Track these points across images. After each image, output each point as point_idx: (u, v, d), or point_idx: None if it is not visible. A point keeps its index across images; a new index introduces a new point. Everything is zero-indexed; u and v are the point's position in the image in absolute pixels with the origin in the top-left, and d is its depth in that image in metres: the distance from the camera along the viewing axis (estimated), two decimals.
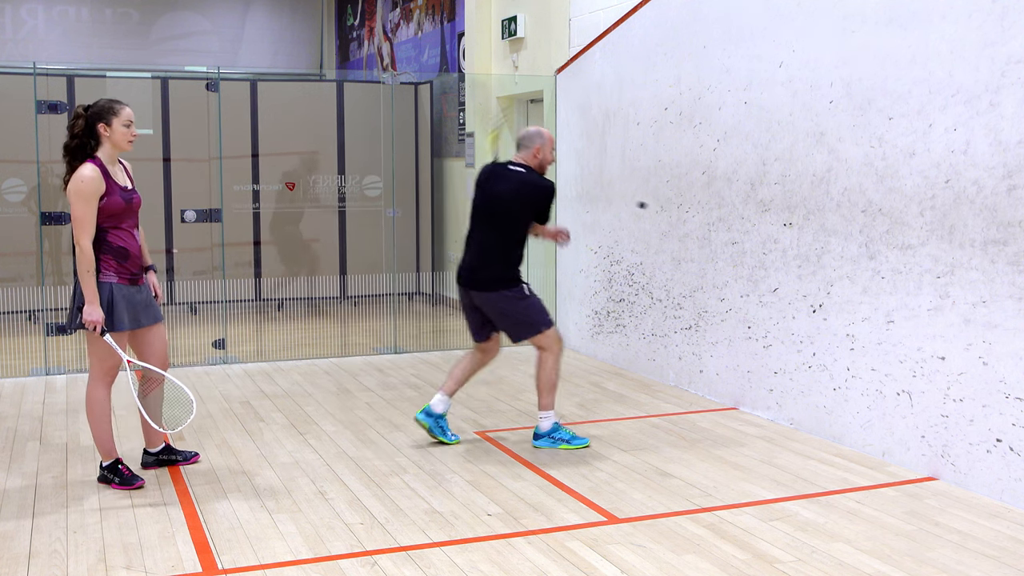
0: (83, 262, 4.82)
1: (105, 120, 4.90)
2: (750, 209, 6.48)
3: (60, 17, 15.69)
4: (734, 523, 4.59)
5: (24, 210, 9.81)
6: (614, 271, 8.11)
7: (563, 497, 4.95)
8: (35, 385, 7.49)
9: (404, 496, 4.96)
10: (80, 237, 4.81)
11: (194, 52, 16.17)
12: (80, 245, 4.81)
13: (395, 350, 8.89)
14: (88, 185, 4.80)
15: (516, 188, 5.74)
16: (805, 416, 6.11)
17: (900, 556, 4.21)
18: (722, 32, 6.70)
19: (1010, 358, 4.79)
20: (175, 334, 9.15)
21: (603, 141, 8.20)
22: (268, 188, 10.74)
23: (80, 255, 4.82)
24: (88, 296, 4.84)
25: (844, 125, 5.71)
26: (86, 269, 4.83)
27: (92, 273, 4.84)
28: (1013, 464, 4.80)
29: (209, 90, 8.81)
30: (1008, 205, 4.76)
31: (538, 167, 5.86)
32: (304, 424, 6.35)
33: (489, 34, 10.40)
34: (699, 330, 7.06)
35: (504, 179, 5.81)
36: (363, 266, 11.06)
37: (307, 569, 4.07)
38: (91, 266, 4.84)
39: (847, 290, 5.74)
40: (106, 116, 4.90)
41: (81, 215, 4.80)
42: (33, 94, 8.00)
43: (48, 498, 4.93)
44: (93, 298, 4.85)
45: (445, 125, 11.50)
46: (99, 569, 4.07)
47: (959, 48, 5.01)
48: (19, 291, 9.69)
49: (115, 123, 4.91)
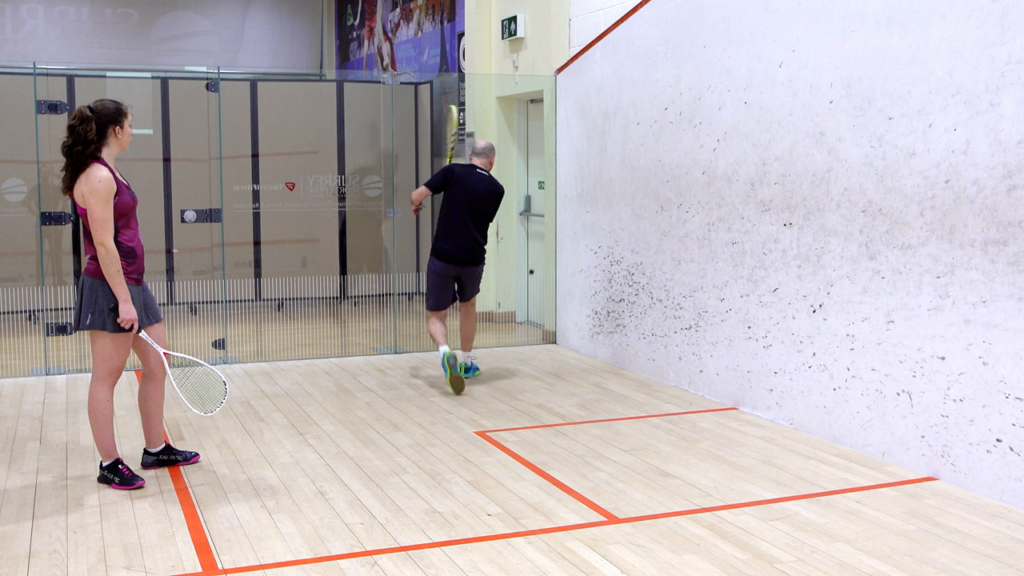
0: (111, 262, 4.84)
1: (118, 123, 4.96)
2: (750, 209, 6.48)
3: (60, 17, 15.69)
4: (734, 523, 4.59)
5: (24, 210, 9.81)
6: (614, 271, 8.11)
7: (563, 497, 4.95)
8: (35, 385, 7.49)
9: (404, 496, 4.96)
10: (103, 237, 4.82)
11: (194, 52, 16.17)
12: (105, 245, 4.82)
13: (395, 350, 8.89)
14: (105, 185, 4.83)
15: (489, 187, 7.40)
16: (805, 416, 6.11)
17: (900, 556, 4.21)
18: (722, 32, 6.70)
19: (1010, 358, 4.79)
20: (175, 334, 9.16)
21: (603, 141, 8.20)
22: (268, 188, 10.74)
23: (106, 255, 4.82)
24: (120, 296, 4.86)
25: (844, 125, 5.71)
26: (115, 269, 4.85)
27: (121, 273, 4.86)
28: (1013, 464, 4.80)
29: (209, 90, 8.80)
30: (1008, 205, 4.76)
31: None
32: (304, 424, 6.35)
33: (489, 34, 10.40)
34: (699, 330, 7.06)
35: (481, 180, 7.40)
36: (363, 266, 11.06)
37: (307, 569, 4.07)
38: (119, 266, 4.86)
39: (847, 290, 5.74)
40: (119, 119, 4.96)
41: (101, 215, 4.82)
42: (33, 94, 8.00)
43: (48, 498, 4.93)
44: (126, 296, 4.88)
45: (445, 125, 11.50)
46: (99, 569, 4.07)
47: (959, 48, 5.01)
48: (19, 291, 9.70)
49: (125, 125, 5.00)
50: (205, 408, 5.12)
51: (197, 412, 5.13)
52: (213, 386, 5.16)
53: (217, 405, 5.12)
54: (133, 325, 4.90)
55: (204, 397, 5.17)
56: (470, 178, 7.36)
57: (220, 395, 5.13)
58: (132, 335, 5.01)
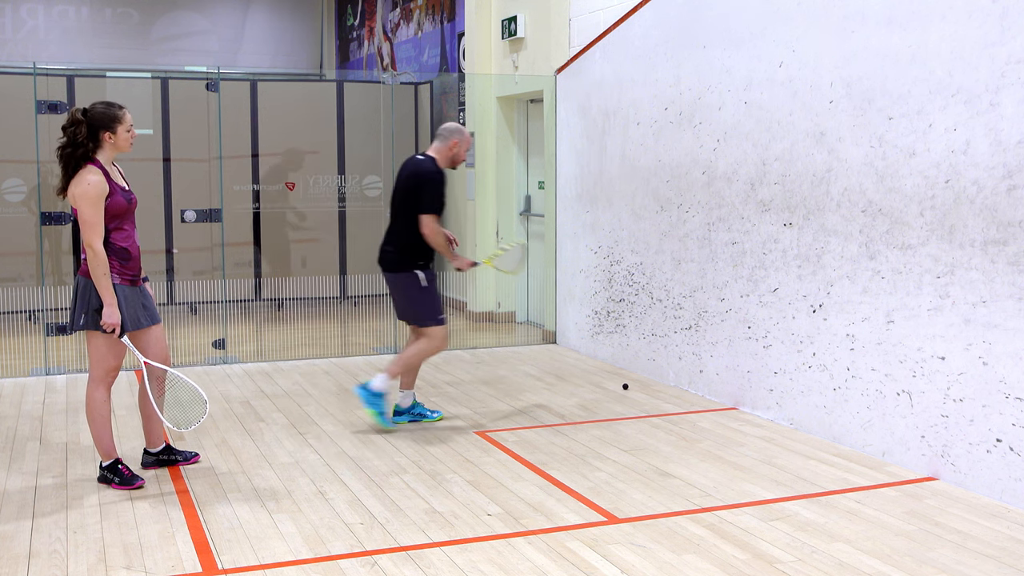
0: (98, 265, 4.82)
1: (110, 129, 4.90)
2: (750, 209, 6.48)
3: (60, 17, 15.69)
4: (734, 523, 4.59)
5: (24, 210, 9.81)
6: (614, 271, 8.11)
7: (563, 497, 4.95)
8: (35, 385, 7.49)
9: (404, 496, 4.96)
10: (92, 240, 4.81)
11: (194, 52, 16.16)
12: (93, 248, 4.80)
13: (395, 350, 8.89)
14: (94, 188, 4.81)
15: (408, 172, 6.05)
16: (805, 416, 6.11)
17: (900, 556, 4.21)
18: (722, 32, 6.70)
19: (1010, 358, 4.79)
20: (175, 334, 9.15)
21: (603, 141, 8.20)
22: (268, 188, 10.74)
23: (94, 258, 4.81)
24: (106, 298, 4.84)
25: (844, 125, 5.71)
26: (102, 272, 4.83)
27: (108, 275, 4.84)
28: (1013, 464, 4.80)
29: (209, 90, 8.80)
30: (1008, 205, 4.76)
31: (450, 161, 6.10)
32: (304, 424, 6.35)
33: (489, 34, 10.40)
34: (699, 330, 7.06)
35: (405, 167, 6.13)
36: (363, 266, 11.06)
37: (307, 569, 4.07)
38: (106, 268, 4.84)
39: (847, 290, 5.74)
40: (111, 125, 4.91)
41: (90, 218, 4.80)
42: (33, 94, 8.00)
43: (48, 498, 4.93)
44: (112, 300, 4.85)
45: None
46: (99, 569, 4.07)
47: (959, 48, 5.01)
48: (19, 291, 9.70)
49: (119, 130, 4.93)
50: (179, 424, 5.09)
51: (169, 425, 5.09)
52: (194, 404, 5.11)
53: (194, 424, 5.07)
54: (115, 329, 4.88)
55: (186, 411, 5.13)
56: (402, 167, 6.18)
57: (199, 415, 5.07)
58: (129, 336, 5.00)
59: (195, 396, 5.10)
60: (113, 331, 4.87)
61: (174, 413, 5.13)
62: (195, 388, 5.11)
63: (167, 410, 5.14)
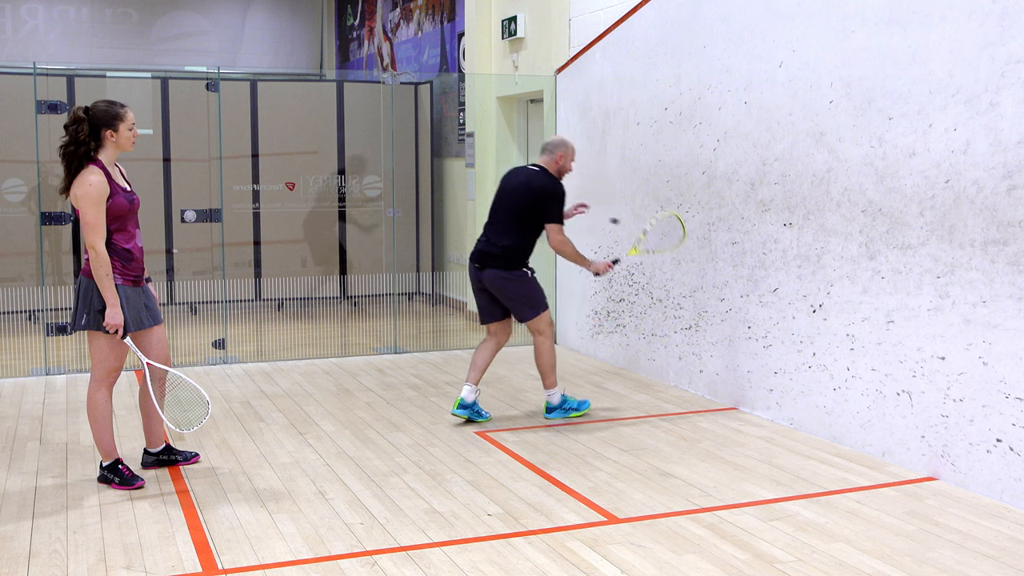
0: (100, 266, 4.81)
1: (112, 127, 4.89)
2: (750, 209, 6.48)
3: (60, 17, 15.69)
4: (734, 523, 4.59)
5: (24, 210, 9.81)
6: (614, 271, 8.11)
7: (563, 497, 4.95)
8: (35, 385, 7.49)
9: (404, 496, 4.96)
10: (94, 241, 4.80)
11: (194, 52, 16.17)
12: (95, 249, 4.80)
13: (395, 350, 8.89)
14: (95, 189, 4.80)
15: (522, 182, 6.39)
16: (805, 416, 6.11)
17: (900, 556, 4.21)
18: (722, 32, 6.70)
19: (1010, 358, 4.79)
20: (175, 334, 9.15)
21: (603, 141, 8.20)
22: (268, 188, 10.74)
23: (96, 259, 4.80)
24: (109, 299, 4.84)
25: (844, 125, 5.71)
26: (104, 273, 4.82)
27: (110, 276, 4.84)
28: (1013, 464, 4.80)
29: (209, 90, 8.81)
30: (1008, 205, 4.76)
31: (557, 172, 6.45)
32: (304, 424, 6.35)
33: (489, 34, 10.40)
34: (699, 330, 7.05)
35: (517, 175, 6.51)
36: (363, 266, 11.06)
37: (307, 569, 4.07)
38: (108, 269, 4.83)
39: (847, 290, 5.74)
40: (113, 123, 4.90)
41: (92, 219, 4.80)
42: (33, 94, 8.00)
43: (48, 498, 4.93)
44: (115, 301, 4.85)
45: (445, 125, 11.50)
46: (99, 569, 4.07)
47: (959, 48, 5.01)
48: (19, 291, 9.69)
49: (121, 128, 4.92)
50: (181, 425, 5.09)
51: (171, 426, 5.10)
52: (196, 405, 5.11)
53: (196, 425, 5.08)
54: (118, 330, 4.88)
55: (187, 412, 5.14)
56: (511, 175, 6.56)
57: (200, 416, 5.08)
58: (131, 336, 5.00)
59: (197, 397, 5.11)
60: (116, 332, 4.87)
61: (175, 413, 5.14)
62: (197, 389, 5.12)
63: (168, 410, 5.15)
